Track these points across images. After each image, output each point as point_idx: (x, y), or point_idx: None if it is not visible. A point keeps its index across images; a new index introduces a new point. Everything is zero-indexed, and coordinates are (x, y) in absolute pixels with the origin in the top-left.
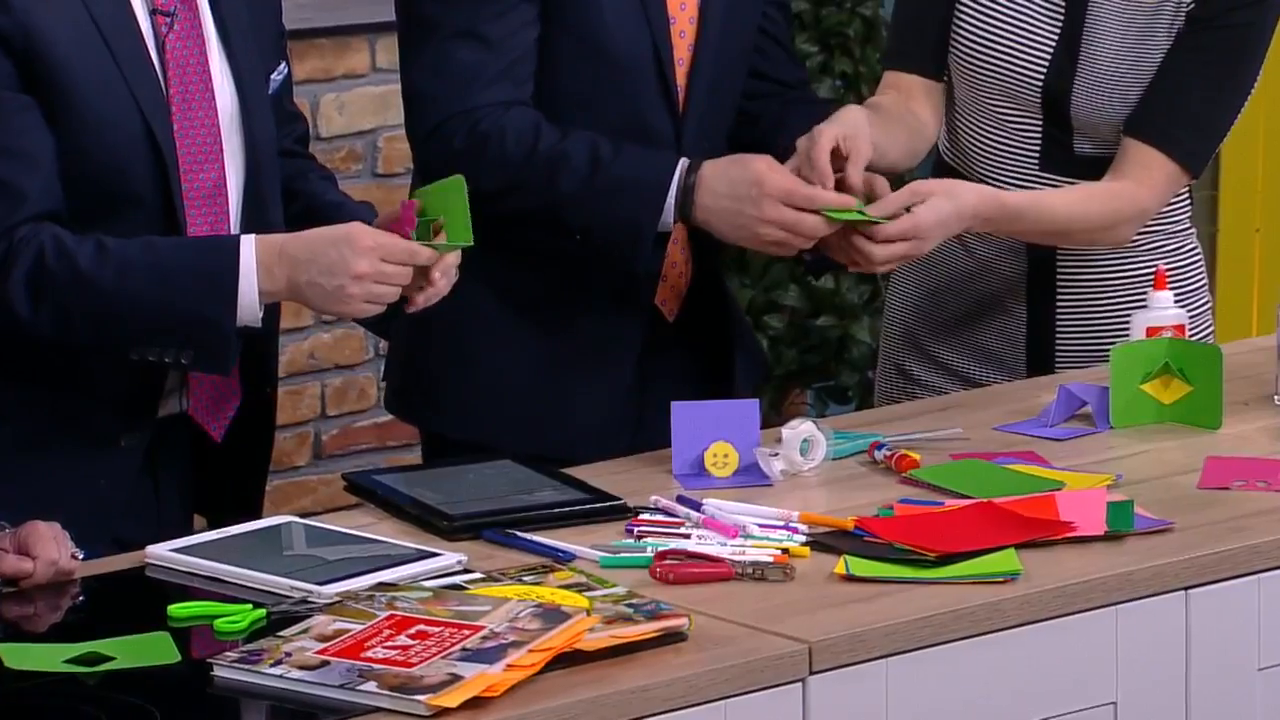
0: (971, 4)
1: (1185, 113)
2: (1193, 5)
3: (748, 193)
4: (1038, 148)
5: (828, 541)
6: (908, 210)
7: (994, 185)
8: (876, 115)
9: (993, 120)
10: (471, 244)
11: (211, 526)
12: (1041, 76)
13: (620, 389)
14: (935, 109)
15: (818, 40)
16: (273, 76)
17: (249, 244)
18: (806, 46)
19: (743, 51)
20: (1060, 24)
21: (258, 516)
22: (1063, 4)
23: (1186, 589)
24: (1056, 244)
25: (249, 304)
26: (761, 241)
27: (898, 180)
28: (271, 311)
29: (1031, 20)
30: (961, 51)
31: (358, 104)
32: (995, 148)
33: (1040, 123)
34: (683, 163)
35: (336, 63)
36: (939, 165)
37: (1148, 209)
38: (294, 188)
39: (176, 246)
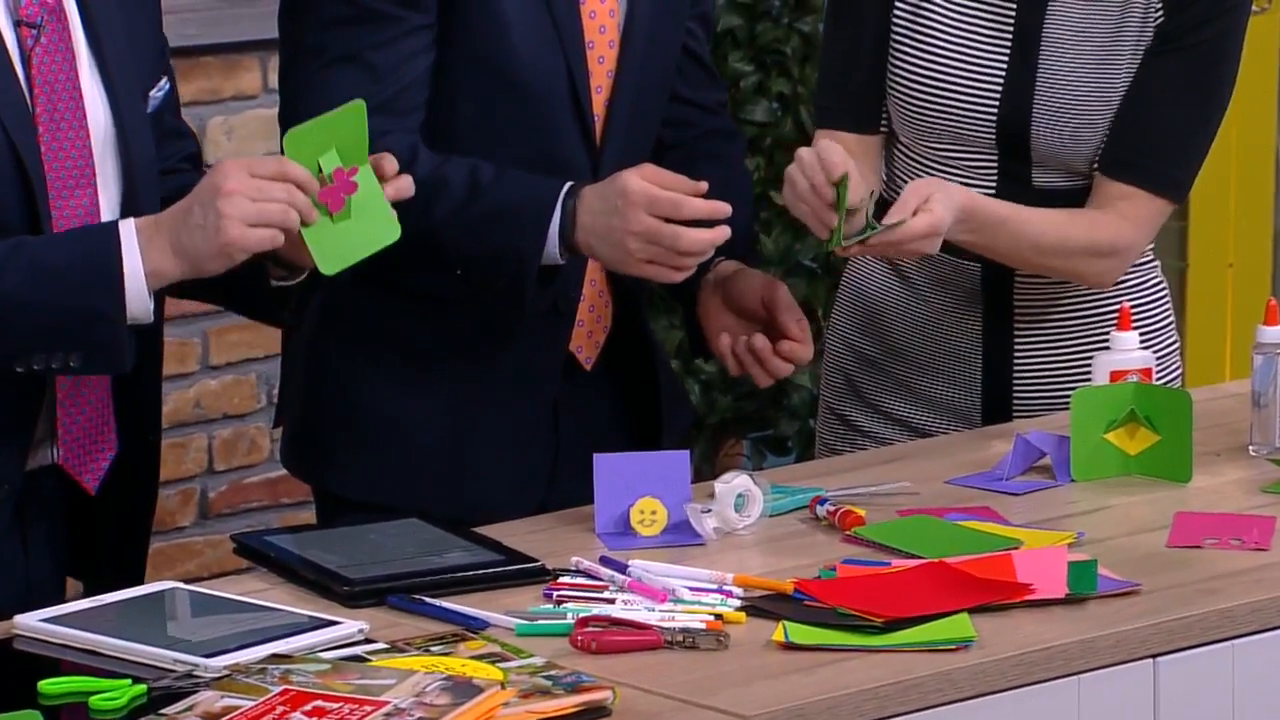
0: (908, 46)
1: (1161, 142)
2: (1162, 19)
3: (615, 204)
4: (993, 188)
5: (765, 606)
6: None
7: None
8: None
9: (941, 165)
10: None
11: (88, 592)
12: (995, 109)
13: (531, 442)
14: (873, 166)
15: (752, 59)
16: (152, 94)
17: (128, 225)
18: (740, 65)
19: (666, 76)
20: (1009, 50)
21: (139, 581)
22: (1010, 29)
23: (1154, 656)
24: (1030, 268)
25: (137, 290)
26: (636, 262)
27: None
28: (154, 349)
29: (977, 50)
30: (903, 96)
31: (248, 128)
32: None
33: (995, 160)
34: (566, 185)
35: (225, 83)
36: None
37: (1133, 244)
38: (169, 198)
39: (50, 242)
